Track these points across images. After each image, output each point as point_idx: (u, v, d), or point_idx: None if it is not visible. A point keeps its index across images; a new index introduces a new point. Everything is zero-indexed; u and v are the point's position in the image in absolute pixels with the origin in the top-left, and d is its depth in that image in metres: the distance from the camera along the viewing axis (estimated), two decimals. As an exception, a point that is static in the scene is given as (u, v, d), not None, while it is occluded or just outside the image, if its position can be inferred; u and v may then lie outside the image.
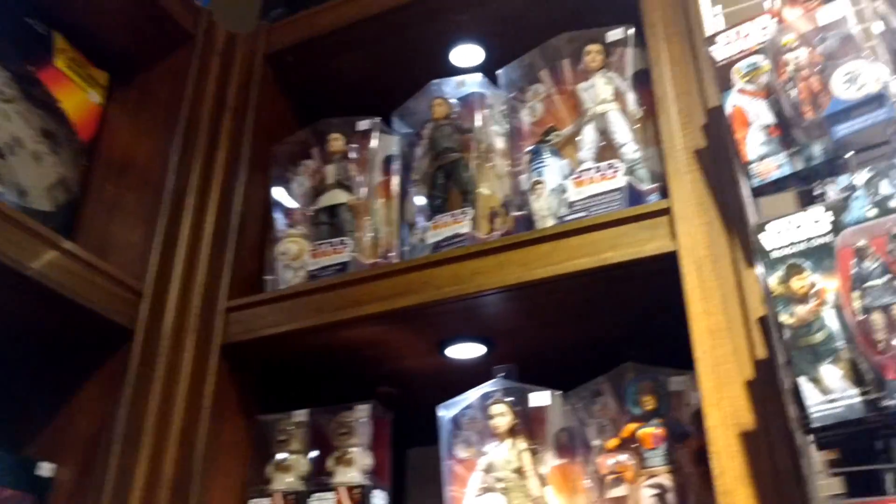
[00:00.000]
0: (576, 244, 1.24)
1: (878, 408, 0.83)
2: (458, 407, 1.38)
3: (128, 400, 1.39)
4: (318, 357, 1.52)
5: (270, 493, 1.42)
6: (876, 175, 0.93)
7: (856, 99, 0.98)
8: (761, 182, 1.06)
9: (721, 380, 1.05)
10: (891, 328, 0.83)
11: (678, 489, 1.17)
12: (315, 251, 1.51)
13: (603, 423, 1.30)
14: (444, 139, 1.50)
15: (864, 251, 0.88)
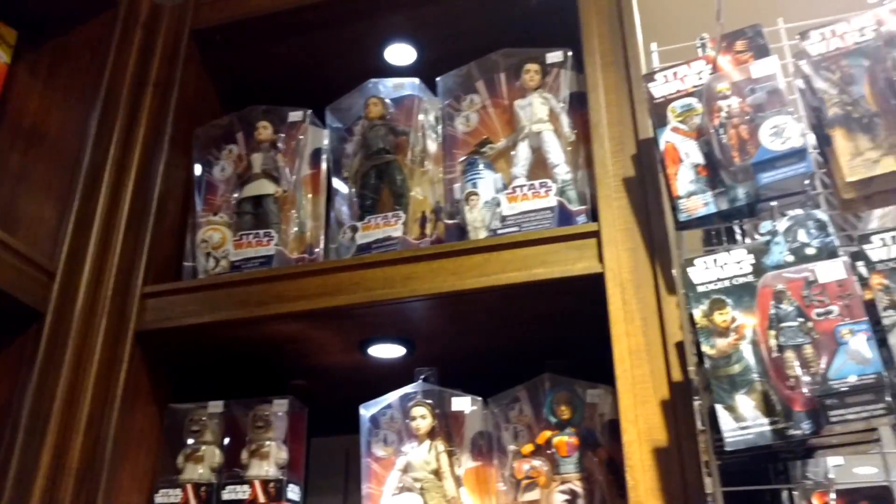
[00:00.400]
0: (508, 258, 1.29)
1: (784, 436, 0.93)
2: (378, 406, 1.40)
3: (34, 384, 1.34)
4: (236, 349, 1.51)
5: (181, 484, 1.41)
6: (794, 224, 1.03)
7: (781, 151, 1.07)
8: (689, 217, 1.14)
9: (638, 398, 1.13)
10: (801, 366, 0.93)
11: (588, 495, 1.25)
12: (238, 241, 1.49)
13: (519, 429, 1.36)
14: (379, 139, 1.51)
15: (782, 294, 0.97)
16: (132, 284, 1.47)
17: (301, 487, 1.44)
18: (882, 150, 1.05)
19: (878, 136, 1.06)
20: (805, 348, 0.93)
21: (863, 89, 1.09)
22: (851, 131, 1.07)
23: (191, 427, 1.46)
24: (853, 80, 1.10)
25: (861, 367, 0.89)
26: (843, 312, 0.93)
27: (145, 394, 1.45)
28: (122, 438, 1.38)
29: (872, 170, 1.05)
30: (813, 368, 0.92)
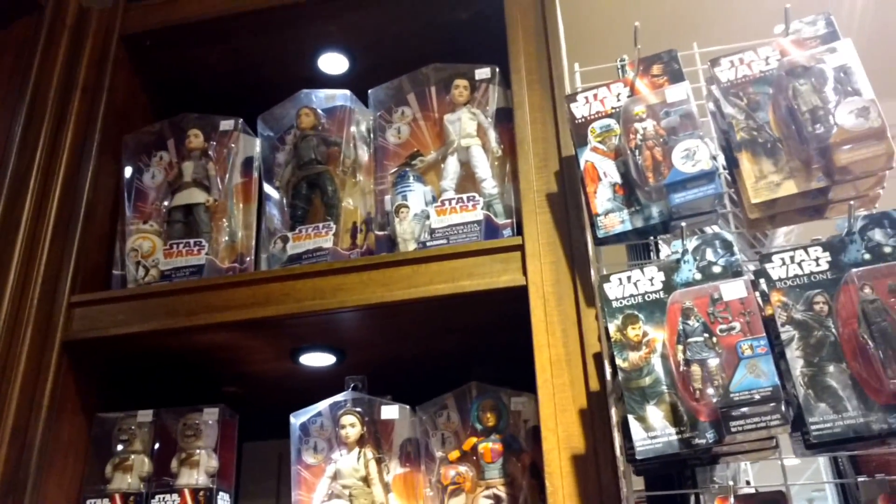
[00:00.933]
0: (436, 270, 1.33)
1: (690, 445, 0.99)
2: (308, 414, 1.43)
3: (-44, 397, 1.32)
4: (167, 358, 1.51)
5: (109, 494, 1.41)
6: (703, 243, 1.09)
7: (692, 173, 1.13)
8: (606, 234, 1.19)
9: (558, 407, 1.18)
10: (705, 379, 0.99)
11: (511, 500, 1.30)
12: (169, 251, 1.49)
13: (446, 435, 1.40)
14: (310, 150, 1.53)
15: (689, 311, 1.03)
16: (59, 293, 1.46)
17: (231, 495, 1.46)
18: (784, 174, 1.12)
19: (780, 160, 1.13)
20: (710, 362, 0.99)
21: (767, 115, 1.16)
22: (756, 155, 1.15)
23: (120, 436, 1.46)
24: (759, 107, 1.17)
25: (759, 381, 0.96)
26: (745, 329, 0.99)
27: (72, 403, 1.44)
28: (49, 448, 1.37)
29: (775, 192, 1.12)
30: (717, 381, 0.98)
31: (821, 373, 0.99)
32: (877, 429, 0.95)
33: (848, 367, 0.98)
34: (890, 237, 1.03)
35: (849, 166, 1.07)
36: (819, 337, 1.01)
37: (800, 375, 0.99)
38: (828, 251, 1.05)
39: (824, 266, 1.04)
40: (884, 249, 1.03)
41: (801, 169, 1.11)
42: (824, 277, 1.03)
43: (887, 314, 0.97)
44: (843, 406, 0.97)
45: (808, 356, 1.00)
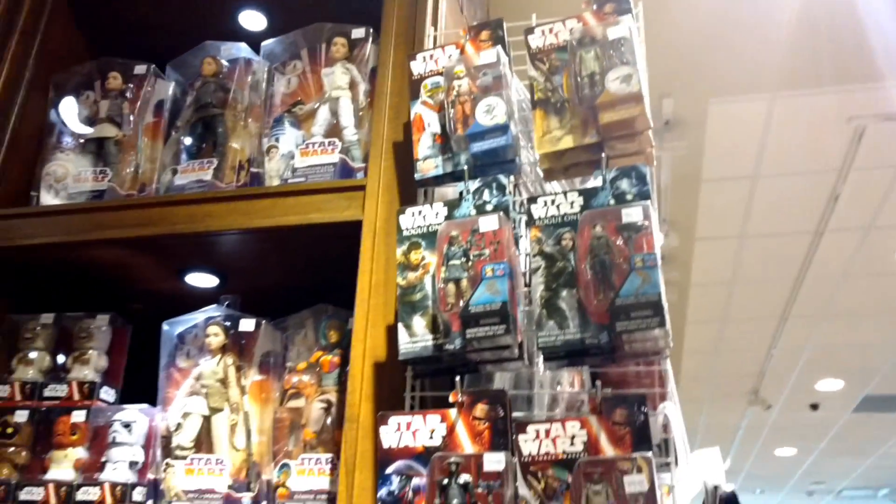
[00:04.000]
0: (291, 203, 1.52)
1: (442, 349, 1.17)
2: (185, 325, 1.63)
3: None
4: (72, 271, 1.73)
5: (10, 382, 1.63)
6: (483, 185, 1.26)
7: (488, 126, 1.31)
8: (422, 177, 1.37)
9: (370, 322, 1.37)
10: (458, 295, 1.17)
11: (339, 405, 1.49)
12: (78, 176, 1.70)
13: (301, 350, 1.60)
14: (208, 95, 1.73)
15: (454, 238, 1.21)
16: (-20, 208, 1.68)
17: (117, 391, 1.67)
18: (565, 130, 1.29)
19: (565, 118, 1.30)
20: (462, 281, 1.17)
21: (562, 79, 1.32)
22: (547, 113, 1.32)
23: (25, 335, 1.68)
24: (557, 71, 1.33)
25: (494, 297, 1.14)
26: (492, 255, 1.17)
27: (-15, 304, 1.67)
28: (-40, 339, 1.60)
29: (556, 145, 1.29)
30: (466, 297, 1.16)
31: (555, 296, 1.16)
32: (588, 343, 1.12)
33: (577, 292, 1.16)
34: (633, 186, 1.20)
35: (610, 124, 1.24)
36: (560, 267, 1.18)
37: (539, 298, 1.17)
38: (582, 196, 1.22)
39: (577, 209, 1.21)
40: (626, 197, 1.19)
41: (579, 126, 1.28)
42: (574, 218, 1.20)
43: (609, 249, 1.14)
44: (566, 324, 1.14)
45: (549, 282, 1.17)
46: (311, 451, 1.47)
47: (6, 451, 1.60)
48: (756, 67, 3.55)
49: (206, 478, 1.46)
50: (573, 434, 1.10)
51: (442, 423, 1.14)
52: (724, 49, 3.45)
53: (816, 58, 3.50)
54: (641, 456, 1.04)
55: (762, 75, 3.62)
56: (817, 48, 3.43)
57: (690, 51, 3.42)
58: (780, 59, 3.50)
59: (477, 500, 1.07)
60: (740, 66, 3.55)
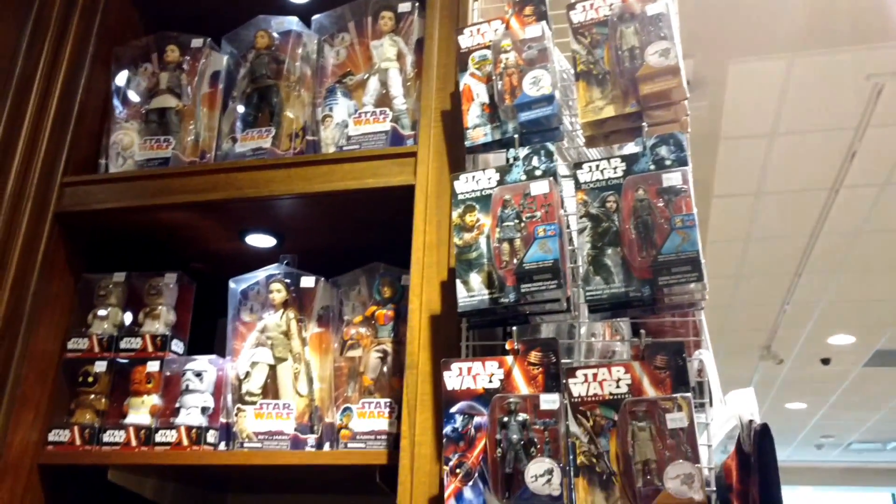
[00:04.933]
0: (348, 169, 1.64)
1: (498, 303, 1.30)
2: (248, 282, 1.77)
3: (-31, 250, 1.68)
4: (141, 233, 1.86)
5: (88, 335, 1.77)
6: (532, 152, 1.38)
7: (535, 96, 1.41)
8: (472, 144, 1.48)
9: (425, 279, 1.50)
10: (512, 254, 1.29)
11: (395, 354, 1.63)
12: (143, 145, 1.82)
13: (356, 304, 1.73)
14: (262, 66, 1.83)
15: (508, 202, 1.33)
16: (54, 175, 1.81)
17: (185, 343, 1.81)
18: (607, 100, 1.40)
19: (606, 89, 1.40)
20: (516, 241, 1.30)
21: (603, 52, 1.43)
22: (589, 84, 1.42)
23: (99, 292, 1.82)
24: (598, 45, 1.44)
25: (546, 255, 1.26)
26: (543, 217, 1.29)
27: (62, 264, 1.80)
28: (42, 298, 1.74)
29: (598, 114, 1.40)
30: (519, 255, 1.28)
31: (601, 254, 1.28)
32: (632, 296, 1.24)
33: (621, 250, 1.27)
34: (672, 153, 1.30)
35: (649, 95, 1.34)
36: (605, 227, 1.30)
37: (586, 256, 1.29)
38: (625, 162, 1.33)
39: (620, 173, 1.32)
40: (665, 162, 1.30)
41: (620, 97, 1.38)
42: (618, 182, 1.32)
43: (651, 210, 1.26)
44: (612, 279, 1.26)
45: (595, 241, 1.29)
46: (370, 396, 1.61)
47: (88, 398, 1.75)
48: (775, 28, 3.61)
49: (274, 421, 1.60)
50: (618, 378, 1.23)
51: (500, 368, 1.27)
52: (744, 10, 3.51)
53: (835, 17, 3.55)
54: (681, 396, 1.17)
55: (781, 35, 3.68)
56: (836, 7, 3.49)
57: (711, 13, 3.48)
58: (800, 19, 3.55)
59: (534, 435, 1.20)
60: (760, 27, 3.61)
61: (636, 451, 1.17)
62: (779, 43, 3.72)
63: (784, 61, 3.87)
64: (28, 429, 1.68)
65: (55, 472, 1.71)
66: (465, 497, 1.22)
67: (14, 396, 1.65)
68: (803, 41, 3.71)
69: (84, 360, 1.76)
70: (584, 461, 1.20)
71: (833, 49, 3.78)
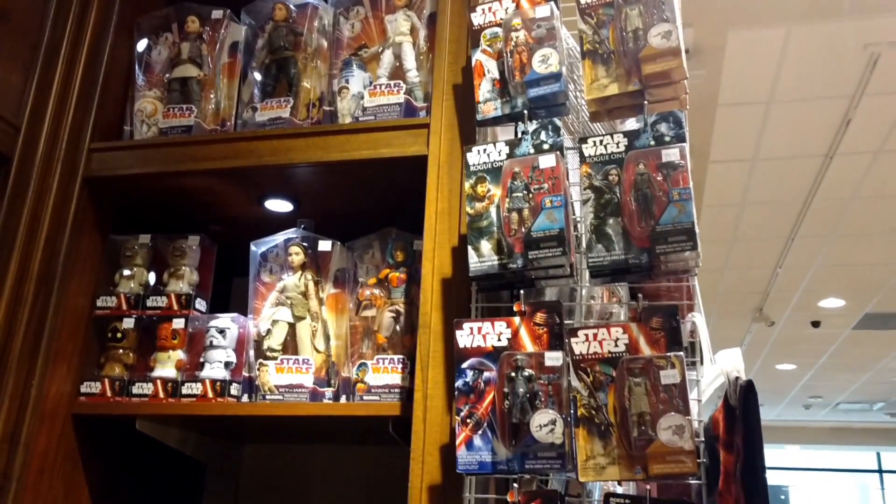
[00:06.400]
0: (363, 139, 1.73)
1: (507, 268, 1.40)
2: (267, 245, 1.87)
3: (4, 211, 1.77)
4: (164, 197, 1.95)
5: (116, 294, 1.88)
6: (540, 127, 1.47)
7: (544, 73, 1.50)
8: (483, 117, 1.57)
9: (437, 244, 1.60)
10: (520, 223, 1.39)
11: (407, 315, 1.74)
12: (167, 113, 1.91)
13: (369, 268, 1.84)
14: (280, 38, 1.91)
15: (517, 174, 1.42)
16: (82, 141, 1.89)
17: (207, 302, 1.92)
18: (611, 79, 1.48)
19: (611, 68, 1.49)
20: (524, 211, 1.40)
21: (608, 32, 1.51)
22: (595, 63, 1.51)
23: (125, 253, 1.92)
24: (604, 25, 1.52)
25: (552, 224, 1.36)
26: (550, 188, 1.39)
27: (90, 226, 1.89)
28: (72, 257, 1.83)
29: (603, 92, 1.49)
30: (527, 224, 1.39)
31: (603, 224, 1.39)
32: (631, 262, 1.35)
33: (622, 220, 1.38)
34: (671, 130, 1.40)
35: (651, 75, 1.43)
36: (607, 199, 1.40)
37: (589, 225, 1.39)
38: (627, 137, 1.42)
39: (622, 148, 1.42)
40: (665, 139, 1.40)
41: (624, 75, 1.47)
42: (620, 156, 1.41)
43: (651, 184, 1.36)
44: (613, 247, 1.37)
45: (598, 212, 1.39)
46: (383, 353, 1.72)
47: (117, 352, 1.86)
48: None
49: (294, 375, 1.72)
50: (617, 337, 1.34)
51: (507, 328, 1.38)
52: (745, -21, 3.57)
53: (835, -14, 3.62)
54: (674, 355, 1.29)
55: (780, 5, 3.74)
56: (836, -23, 3.55)
57: (712, -19, 3.54)
58: (800, -12, 3.62)
59: (539, 389, 1.32)
60: (760, -4, 3.67)
61: (632, 404, 1.29)
62: (778, 12, 3.78)
63: (782, 30, 3.93)
64: (62, 381, 1.79)
65: (87, 421, 1.83)
66: (475, 445, 1.34)
67: (49, 350, 1.76)
68: (802, 10, 3.77)
69: (113, 318, 1.87)
70: (584, 413, 1.32)
71: (831, 18, 3.84)
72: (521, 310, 1.38)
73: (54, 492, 1.75)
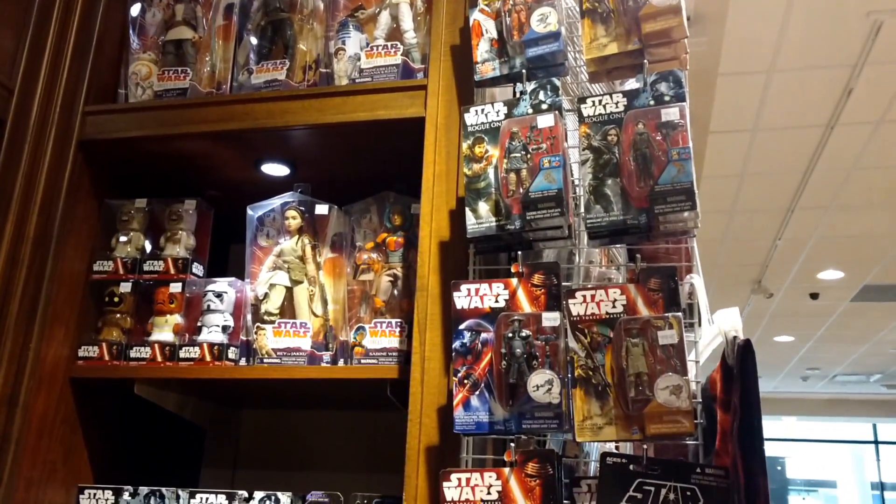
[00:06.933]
0: (360, 101, 1.71)
1: (505, 230, 1.39)
2: (264, 209, 1.86)
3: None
4: (160, 161, 1.94)
5: (113, 258, 1.87)
6: (538, 87, 1.45)
7: (543, 32, 1.48)
8: (481, 78, 1.55)
9: (435, 208, 1.59)
10: (518, 183, 1.38)
11: (405, 278, 1.73)
12: (161, 75, 1.89)
13: (367, 232, 1.83)
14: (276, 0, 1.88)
15: (515, 134, 1.41)
16: (76, 104, 1.87)
17: (204, 266, 1.91)
18: (611, 38, 1.47)
19: (610, 27, 1.47)
20: (522, 171, 1.38)
21: (608, -9, 1.49)
22: (594, 22, 1.48)
23: (122, 217, 1.91)
24: (603, -16, 1.49)
25: (550, 185, 1.35)
26: (548, 148, 1.37)
27: (86, 190, 1.88)
28: (68, 221, 1.82)
29: (602, 51, 1.47)
30: (525, 185, 1.38)
31: (602, 184, 1.37)
32: (629, 223, 1.34)
33: (621, 181, 1.37)
34: (671, 89, 1.38)
35: (651, 33, 1.41)
36: (606, 159, 1.39)
37: (587, 186, 1.38)
38: (626, 97, 1.41)
39: (621, 108, 1.40)
40: (664, 98, 1.38)
41: (623, 34, 1.45)
42: (619, 116, 1.40)
43: (650, 144, 1.35)
44: (611, 208, 1.36)
45: (596, 172, 1.38)
46: (381, 317, 1.72)
47: (114, 316, 1.85)
48: (778, -37, 3.63)
49: (292, 339, 1.72)
50: (614, 298, 1.33)
51: (505, 289, 1.37)
52: (748, -56, 3.52)
53: (838, -48, 3.57)
54: (672, 315, 1.28)
55: (784, -29, 3.70)
56: (840, -57, 3.50)
57: (715, -54, 3.49)
58: (803, -46, 3.57)
59: (536, 350, 1.32)
60: (763, -38, 3.63)
61: (629, 364, 1.29)
62: (781, -22, 3.74)
63: (785, -3, 3.89)
64: (59, 345, 1.79)
65: (86, 385, 1.83)
66: (472, 405, 1.34)
67: (46, 313, 1.75)
68: (805, -24, 3.73)
69: (109, 282, 1.86)
70: (581, 374, 1.32)
71: (835, -16, 3.80)
72: (518, 271, 1.38)
73: (53, 455, 1.76)
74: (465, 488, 1.29)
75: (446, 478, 1.31)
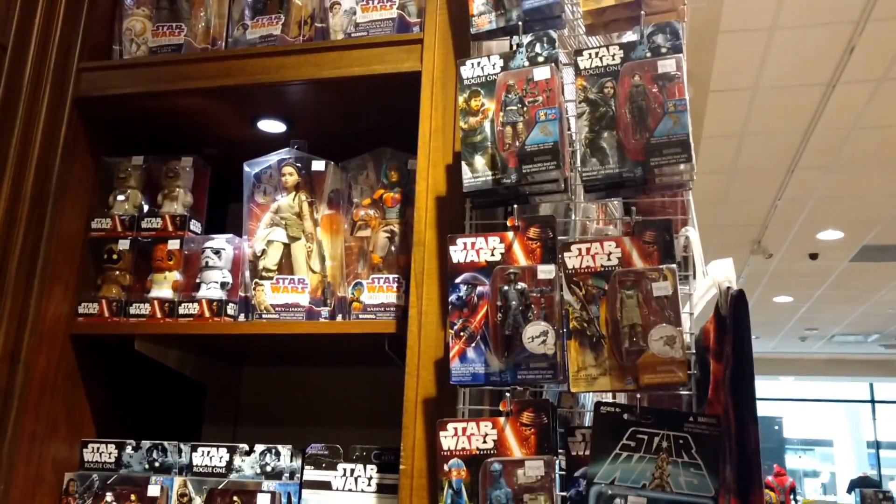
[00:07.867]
0: (356, 56, 1.70)
1: (501, 184, 1.39)
2: (261, 166, 1.85)
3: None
4: (156, 118, 1.93)
5: (111, 216, 1.87)
6: (535, 39, 1.44)
7: (539, -16, 1.46)
8: (477, 31, 1.54)
9: (431, 162, 1.58)
10: (514, 137, 1.38)
11: (402, 235, 1.74)
12: (156, 31, 1.87)
13: (364, 188, 1.83)
14: (270, -46, 1.86)
15: (511, 87, 1.40)
16: (70, 60, 1.86)
17: (202, 224, 1.92)
18: (608, -11, 1.45)
19: (608, -22, 1.45)
20: (518, 124, 1.38)
21: (605, -58, 1.47)
22: (591, -27, 1.47)
23: (119, 175, 1.91)
24: (601, -66, 1.47)
25: (546, 138, 1.35)
26: (545, 101, 1.37)
27: (82, 148, 1.88)
28: (65, 179, 1.82)
29: (599, 3, 1.46)
30: (521, 138, 1.37)
31: (598, 137, 1.37)
32: (625, 176, 1.34)
33: (617, 134, 1.36)
34: (668, 41, 1.37)
35: (649, -16, 1.40)
36: (602, 112, 1.38)
37: (583, 139, 1.38)
38: (623, 50, 1.40)
39: (618, 60, 1.39)
40: (661, 50, 1.37)
41: (621, -15, 1.44)
42: (615, 69, 1.39)
43: (646, 96, 1.34)
44: (607, 161, 1.36)
45: (592, 125, 1.38)
46: (379, 273, 1.73)
47: (113, 274, 1.86)
48: (781, -84, 3.57)
49: (290, 294, 1.73)
50: (609, 251, 1.34)
51: (501, 243, 1.38)
52: None
53: None
54: (667, 267, 1.29)
55: (787, -76, 3.64)
56: None
57: None
58: None
59: (531, 302, 1.32)
60: (766, -85, 3.57)
61: (624, 316, 1.30)
62: (783, -68, 3.68)
63: (788, -48, 3.83)
64: (59, 302, 1.81)
65: (86, 341, 1.85)
66: (469, 357, 1.35)
67: (45, 271, 1.76)
68: (808, -69, 3.67)
69: (108, 239, 1.87)
70: (576, 326, 1.33)
71: (838, -61, 3.74)
72: (514, 225, 1.38)
73: (55, 410, 1.78)
74: (461, 437, 1.31)
75: (443, 427, 1.33)
